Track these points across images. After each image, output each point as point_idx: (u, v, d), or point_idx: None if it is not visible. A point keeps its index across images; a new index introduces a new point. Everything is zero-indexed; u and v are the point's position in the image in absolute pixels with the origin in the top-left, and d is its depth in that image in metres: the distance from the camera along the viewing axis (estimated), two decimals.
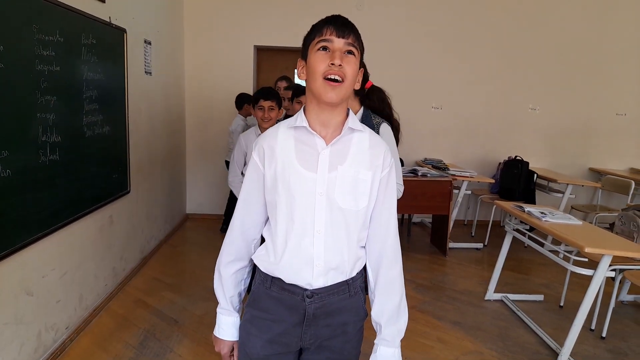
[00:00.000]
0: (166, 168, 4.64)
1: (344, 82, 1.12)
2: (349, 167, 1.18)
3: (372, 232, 1.26)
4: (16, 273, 2.20)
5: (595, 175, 5.70)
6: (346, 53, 1.13)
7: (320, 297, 1.21)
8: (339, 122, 1.20)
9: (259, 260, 1.26)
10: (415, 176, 4.38)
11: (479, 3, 5.36)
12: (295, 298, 1.21)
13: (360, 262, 1.27)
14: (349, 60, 1.13)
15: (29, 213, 2.24)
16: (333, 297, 1.22)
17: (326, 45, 1.13)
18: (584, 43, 5.50)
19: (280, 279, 1.21)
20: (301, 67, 1.20)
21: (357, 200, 1.19)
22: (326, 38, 1.12)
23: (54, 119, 2.40)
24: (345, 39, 1.13)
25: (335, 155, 1.18)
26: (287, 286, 1.21)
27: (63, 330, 2.66)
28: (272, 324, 1.24)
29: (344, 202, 1.18)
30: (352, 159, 1.19)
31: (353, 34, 1.15)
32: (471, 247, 4.87)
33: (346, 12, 5.14)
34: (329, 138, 1.19)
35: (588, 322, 3.09)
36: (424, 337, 2.97)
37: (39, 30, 2.26)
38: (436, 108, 5.58)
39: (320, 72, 1.12)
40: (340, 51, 1.12)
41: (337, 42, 1.12)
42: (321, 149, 1.18)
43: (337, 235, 1.19)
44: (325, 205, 1.17)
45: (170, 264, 4.09)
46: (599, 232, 2.90)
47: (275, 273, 1.22)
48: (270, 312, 1.24)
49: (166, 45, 4.54)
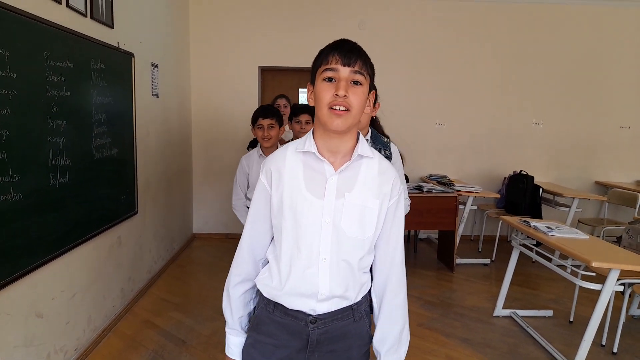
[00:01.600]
0: (173, 188, 4.68)
1: (350, 111, 1.12)
2: (357, 195, 1.17)
3: (377, 260, 1.25)
4: (27, 295, 2.22)
5: (601, 188, 5.68)
6: (352, 83, 1.12)
7: (324, 322, 1.20)
8: (349, 148, 1.19)
9: (262, 285, 1.26)
10: (421, 192, 4.39)
11: (481, 20, 5.44)
12: (299, 323, 1.20)
13: (365, 287, 1.26)
14: (355, 91, 1.12)
15: (40, 235, 2.28)
16: (337, 322, 1.21)
17: (331, 75, 1.12)
18: (586, 57, 5.54)
19: (283, 305, 1.21)
20: (310, 92, 1.20)
21: (364, 229, 1.18)
22: (332, 67, 1.12)
23: (64, 143, 2.45)
24: (351, 67, 1.11)
25: (344, 182, 1.17)
26: (290, 312, 1.21)
27: (72, 352, 2.67)
28: (275, 349, 1.23)
29: (351, 230, 1.17)
30: (360, 187, 1.18)
31: (360, 60, 1.13)
32: (478, 263, 4.85)
33: (349, 31, 5.29)
34: (337, 164, 1.18)
35: (598, 338, 3.06)
36: (432, 354, 2.95)
37: (50, 57, 2.32)
38: (440, 124, 5.61)
39: (325, 102, 1.12)
40: (345, 81, 1.11)
41: (342, 71, 1.11)
42: (329, 175, 1.17)
43: (342, 264, 1.18)
44: (331, 233, 1.16)
45: (178, 284, 4.10)
46: (606, 246, 2.89)
47: (278, 299, 1.22)
48: (274, 337, 1.23)
49: (173, 68, 4.63)
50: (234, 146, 5.33)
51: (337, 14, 5.29)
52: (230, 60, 5.35)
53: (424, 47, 5.45)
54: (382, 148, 2.07)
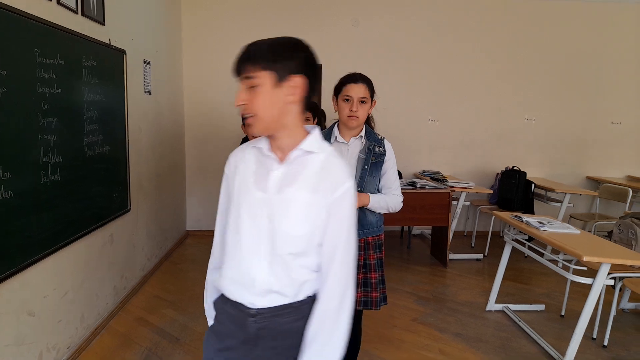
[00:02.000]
0: (166, 185, 4.66)
1: (255, 116, 1.14)
2: (296, 190, 1.16)
3: (321, 258, 1.20)
4: (18, 293, 2.21)
5: (593, 183, 5.74)
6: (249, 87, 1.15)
7: (263, 317, 1.19)
8: (294, 144, 1.19)
9: (215, 273, 1.35)
10: (414, 188, 4.41)
11: (473, 16, 5.45)
12: (240, 315, 1.21)
13: (307, 287, 1.21)
14: (253, 94, 1.14)
15: (31, 234, 2.26)
16: (278, 319, 1.19)
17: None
18: (578, 53, 5.58)
19: (225, 294, 1.25)
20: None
21: (298, 225, 1.16)
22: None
23: (55, 140, 2.44)
24: (242, 74, 1.15)
25: (286, 177, 1.17)
26: (232, 302, 1.22)
27: (64, 351, 2.65)
28: (225, 337, 1.25)
29: (285, 225, 1.16)
30: (300, 182, 1.16)
31: (249, 64, 1.14)
32: (471, 258, 4.88)
33: (343, 29, 5.27)
34: (283, 160, 1.19)
35: (590, 331, 3.09)
36: (425, 349, 2.97)
37: (41, 54, 2.30)
38: (433, 120, 5.63)
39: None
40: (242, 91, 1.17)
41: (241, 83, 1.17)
42: (273, 169, 1.18)
43: (278, 259, 1.17)
44: (267, 227, 1.16)
45: (171, 281, 4.09)
46: (597, 241, 2.92)
47: (221, 288, 1.25)
48: (223, 325, 1.26)
49: (165, 65, 4.60)
50: (226, 143, 5.31)
51: (330, 12, 5.27)
52: (222, 56, 5.30)
53: (416, 44, 5.46)
54: (377, 145, 2.09)
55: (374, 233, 2.13)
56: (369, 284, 2.12)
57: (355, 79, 2.04)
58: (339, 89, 2.09)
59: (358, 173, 2.06)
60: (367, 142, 2.10)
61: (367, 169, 2.06)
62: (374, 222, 2.13)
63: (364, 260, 2.11)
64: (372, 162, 2.06)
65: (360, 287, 2.11)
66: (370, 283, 2.12)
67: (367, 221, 2.10)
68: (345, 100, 2.03)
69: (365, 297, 2.12)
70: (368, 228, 2.11)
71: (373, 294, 2.12)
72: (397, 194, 2.13)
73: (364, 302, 2.12)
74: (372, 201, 2.03)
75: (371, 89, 2.07)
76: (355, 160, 2.08)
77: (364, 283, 2.12)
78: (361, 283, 2.11)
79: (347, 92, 2.03)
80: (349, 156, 2.08)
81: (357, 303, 2.06)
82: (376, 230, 2.15)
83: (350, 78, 2.06)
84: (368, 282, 2.12)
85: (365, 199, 2.02)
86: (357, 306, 2.07)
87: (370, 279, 2.12)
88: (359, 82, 2.03)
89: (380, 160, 2.09)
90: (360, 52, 5.36)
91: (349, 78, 2.06)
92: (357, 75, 2.06)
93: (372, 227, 2.12)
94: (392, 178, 2.13)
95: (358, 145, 2.10)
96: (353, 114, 2.01)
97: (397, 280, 4.16)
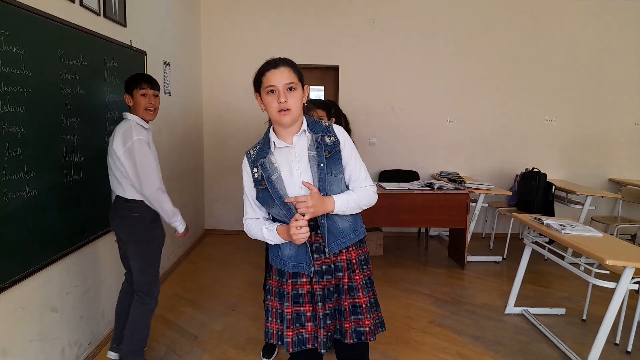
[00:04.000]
0: (185, 185, 4.72)
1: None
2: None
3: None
4: (42, 290, 2.26)
5: (615, 186, 5.61)
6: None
7: None
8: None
9: None
10: (432, 189, 4.38)
11: (491, 16, 5.39)
12: None
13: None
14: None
15: (54, 231, 2.31)
16: None
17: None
18: (599, 53, 5.47)
19: None
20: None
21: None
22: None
23: (77, 140, 2.49)
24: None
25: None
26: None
27: (86, 346, 2.71)
28: None
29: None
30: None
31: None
32: (490, 261, 4.82)
33: (360, 29, 5.26)
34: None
35: (612, 336, 3.03)
36: (443, 352, 2.94)
37: (64, 55, 2.35)
38: (451, 121, 5.58)
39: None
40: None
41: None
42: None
43: None
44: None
45: (190, 279, 4.14)
46: (620, 244, 2.85)
47: None
48: None
49: (184, 66, 4.66)
50: (244, 143, 5.33)
51: (348, 12, 5.27)
52: (241, 57, 5.37)
53: (434, 43, 5.42)
54: (325, 134, 1.71)
55: (350, 240, 1.72)
56: (359, 311, 1.71)
57: (274, 63, 1.63)
58: (258, 82, 1.65)
59: (315, 176, 1.64)
60: (312, 136, 1.68)
61: (324, 167, 1.65)
62: (347, 227, 1.72)
63: (348, 282, 1.71)
64: (326, 157, 1.65)
65: (349, 315, 1.70)
66: (359, 309, 1.71)
67: (338, 229, 1.69)
68: (269, 92, 1.61)
69: (356, 327, 1.71)
70: (341, 237, 1.70)
71: (365, 322, 1.71)
72: (368, 184, 1.75)
73: (356, 333, 1.71)
74: (337, 205, 1.64)
75: (298, 72, 1.66)
76: (306, 162, 1.66)
77: (353, 310, 1.71)
78: (349, 311, 1.70)
79: (268, 81, 1.60)
80: (298, 159, 1.66)
81: (346, 335, 1.70)
82: (352, 237, 1.73)
83: (267, 64, 1.64)
84: (357, 308, 1.71)
85: (328, 205, 1.62)
86: (347, 339, 1.70)
87: (359, 304, 1.71)
88: (279, 67, 1.62)
89: (335, 152, 1.67)
90: (377, 53, 5.34)
91: (266, 65, 1.64)
92: (276, 60, 1.65)
93: (346, 234, 1.71)
94: (356, 168, 1.73)
95: (304, 143, 1.68)
96: (283, 106, 1.59)
97: (414, 281, 4.13)
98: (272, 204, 1.66)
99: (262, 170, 1.68)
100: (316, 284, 1.67)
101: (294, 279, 1.70)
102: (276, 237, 1.67)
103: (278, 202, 1.64)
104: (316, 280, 1.67)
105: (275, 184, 1.65)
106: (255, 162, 1.70)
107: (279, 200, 1.64)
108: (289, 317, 1.69)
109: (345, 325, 1.70)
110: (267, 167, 1.67)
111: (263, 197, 1.69)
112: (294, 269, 1.69)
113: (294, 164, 1.66)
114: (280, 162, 1.68)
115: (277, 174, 1.66)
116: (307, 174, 1.66)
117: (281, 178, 1.66)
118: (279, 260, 1.73)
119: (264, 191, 1.67)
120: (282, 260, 1.72)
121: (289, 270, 1.70)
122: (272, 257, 1.76)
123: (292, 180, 1.65)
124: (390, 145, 5.50)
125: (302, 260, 1.67)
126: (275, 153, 1.69)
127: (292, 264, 1.69)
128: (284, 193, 1.64)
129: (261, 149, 1.72)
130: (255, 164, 1.70)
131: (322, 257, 1.68)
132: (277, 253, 1.74)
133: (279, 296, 1.75)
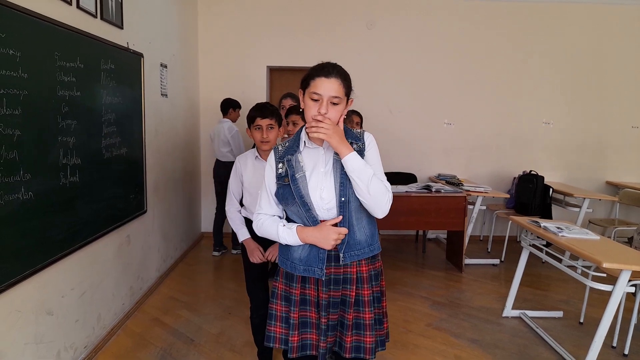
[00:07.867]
0: (182, 188, 4.71)
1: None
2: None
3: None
4: (37, 293, 2.24)
5: (613, 188, 5.63)
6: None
7: None
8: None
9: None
10: (429, 192, 4.38)
11: (489, 20, 5.40)
12: None
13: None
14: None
15: (50, 234, 2.30)
16: None
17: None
18: (597, 56, 5.49)
19: None
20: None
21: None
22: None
23: (74, 142, 2.48)
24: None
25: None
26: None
27: (82, 350, 2.69)
28: None
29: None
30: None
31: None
32: (487, 263, 4.82)
33: (357, 31, 5.26)
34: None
35: (609, 339, 3.03)
36: (441, 355, 2.93)
37: (61, 58, 2.34)
38: (448, 124, 5.59)
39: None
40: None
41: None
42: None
43: None
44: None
45: (186, 282, 4.12)
46: (617, 247, 2.85)
47: None
48: None
49: (181, 68, 4.65)
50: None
51: (345, 14, 5.28)
52: (238, 60, 5.37)
53: (432, 46, 5.43)
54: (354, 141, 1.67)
55: (364, 254, 1.67)
56: (362, 326, 1.68)
57: (327, 71, 1.57)
58: (306, 83, 1.61)
59: (337, 179, 1.62)
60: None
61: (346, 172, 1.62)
62: (364, 240, 1.68)
63: (355, 296, 1.67)
64: None
65: (351, 329, 1.68)
66: (362, 325, 1.68)
67: (355, 240, 1.65)
68: (313, 99, 1.58)
69: (357, 342, 1.69)
70: (356, 249, 1.66)
71: (366, 339, 1.67)
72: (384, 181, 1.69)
73: (356, 348, 1.68)
74: (352, 156, 1.56)
75: (347, 86, 1.61)
76: (331, 165, 1.65)
77: (356, 325, 1.69)
78: (352, 325, 1.68)
79: (316, 88, 1.56)
80: (325, 162, 1.66)
81: (346, 350, 1.68)
82: (367, 251, 1.68)
83: (321, 70, 1.58)
84: (360, 323, 1.68)
85: (345, 147, 1.56)
86: (346, 353, 1.68)
87: (363, 320, 1.68)
88: (331, 77, 1.56)
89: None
90: (375, 54, 5.35)
91: (320, 70, 1.58)
92: (330, 67, 1.58)
93: (362, 247, 1.67)
94: (375, 167, 1.66)
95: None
96: (320, 117, 1.56)
97: (411, 284, 4.13)
98: (292, 201, 1.65)
99: (287, 167, 1.67)
100: (322, 293, 1.66)
101: (303, 283, 1.69)
102: (293, 237, 1.64)
103: (298, 201, 1.63)
104: (323, 289, 1.66)
105: (298, 182, 1.64)
106: (282, 158, 1.69)
107: (299, 199, 1.63)
108: (295, 322, 1.69)
109: (346, 339, 1.68)
110: (293, 164, 1.66)
111: (283, 194, 1.67)
112: (304, 273, 1.66)
113: (320, 165, 1.66)
114: (307, 162, 1.68)
115: (302, 173, 1.65)
116: (329, 177, 1.64)
117: (305, 177, 1.65)
118: (289, 263, 1.71)
119: (285, 188, 1.66)
120: (293, 263, 1.69)
121: (299, 274, 1.67)
122: (282, 260, 1.74)
123: (311, 182, 1.65)
124: (387, 147, 5.49)
125: (314, 264, 1.65)
126: (304, 152, 1.69)
127: (304, 267, 1.67)
128: (306, 193, 1.63)
129: (290, 147, 1.71)
130: (282, 160, 1.69)
131: (331, 266, 1.66)
132: (286, 255, 1.72)
133: (285, 300, 1.74)
